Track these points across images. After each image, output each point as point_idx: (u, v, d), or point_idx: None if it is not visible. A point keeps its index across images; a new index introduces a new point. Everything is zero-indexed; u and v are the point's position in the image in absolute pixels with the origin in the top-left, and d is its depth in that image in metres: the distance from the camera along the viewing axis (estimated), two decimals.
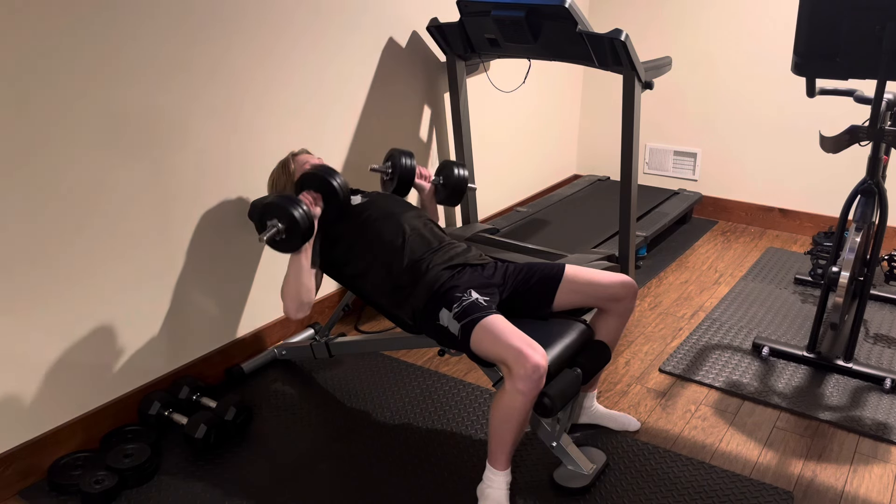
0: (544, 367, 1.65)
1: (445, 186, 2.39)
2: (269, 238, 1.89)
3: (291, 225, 1.90)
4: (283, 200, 1.90)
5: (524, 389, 1.64)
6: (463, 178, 2.38)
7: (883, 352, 2.61)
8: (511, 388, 1.66)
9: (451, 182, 2.38)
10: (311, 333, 2.68)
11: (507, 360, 1.66)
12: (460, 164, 2.39)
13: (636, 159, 2.72)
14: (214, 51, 2.17)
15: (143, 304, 2.15)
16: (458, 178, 2.38)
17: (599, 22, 4.11)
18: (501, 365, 1.70)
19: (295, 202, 1.90)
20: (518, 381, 1.64)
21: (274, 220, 1.90)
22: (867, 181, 2.34)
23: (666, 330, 2.80)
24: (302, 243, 1.94)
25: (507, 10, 2.59)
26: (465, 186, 2.39)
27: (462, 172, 2.38)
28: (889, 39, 1.93)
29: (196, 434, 2.02)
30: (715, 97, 3.88)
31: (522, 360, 1.64)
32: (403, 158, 2.31)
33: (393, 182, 2.34)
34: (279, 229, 1.89)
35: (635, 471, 2.00)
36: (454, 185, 2.38)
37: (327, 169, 2.03)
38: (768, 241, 3.75)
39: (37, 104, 1.78)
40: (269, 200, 1.90)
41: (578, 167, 4.51)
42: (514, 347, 1.66)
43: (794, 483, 1.96)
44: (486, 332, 1.73)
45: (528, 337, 1.69)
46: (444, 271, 1.93)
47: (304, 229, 1.91)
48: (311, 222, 1.93)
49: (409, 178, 2.33)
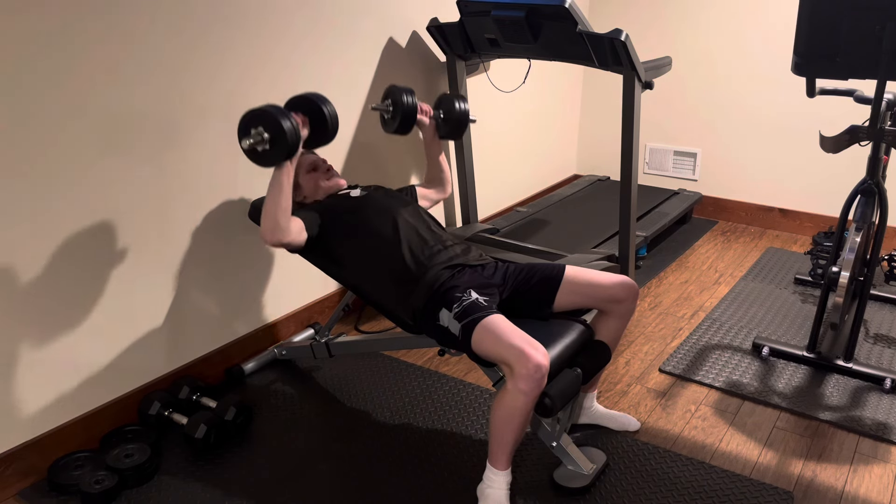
0: (546, 367, 1.65)
1: (447, 121, 2.32)
2: (250, 146, 1.79)
3: (277, 135, 1.79)
4: (273, 109, 1.80)
5: (526, 389, 1.64)
6: (464, 110, 2.31)
7: (883, 352, 2.61)
8: (513, 388, 1.66)
9: (452, 116, 2.30)
10: (311, 333, 2.68)
11: (509, 359, 1.66)
12: (460, 97, 2.32)
13: (636, 159, 2.72)
14: (216, 52, 2.17)
15: (144, 304, 2.15)
16: (460, 111, 2.30)
17: (599, 22, 4.11)
18: (503, 365, 1.70)
19: (284, 113, 1.81)
20: (520, 381, 1.64)
21: (259, 128, 1.80)
22: (867, 181, 2.34)
23: (666, 330, 2.80)
24: (284, 158, 1.84)
25: (507, 10, 2.59)
26: (467, 119, 2.32)
27: (463, 106, 2.30)
28: (889, 39, 1.93)
29: (196, 434, 2.02)
30: (715, 97, 3.88)
31: (524, 360, 1.64)
32: (404, 96, 2.20)
33: (395, 120, 2.25)
34: (263, 138, 1.80)
35: (635, 471, 2.00)
36: (456, 119, 2.30)
37: (319, 95, 1.97)
38: (768, 241, 3.75)
39: (39, 107, 1.78)
40: (258, 108, 1.81)
41: (578, 167, 4.51)
42: (515, 347, 1.66)
43: (794, 483, 1.96)
44: (487, 332, 1.72)
45: (529, 336, 1.69)
46: (444, 271, 1.93)
47: (290, 143, 1.80)
48: (298, 138, 1.84)
49: (411, 116, 2.23)
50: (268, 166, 1.87)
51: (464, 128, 2.35)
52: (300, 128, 1.88)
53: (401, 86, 2.26)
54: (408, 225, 2.03)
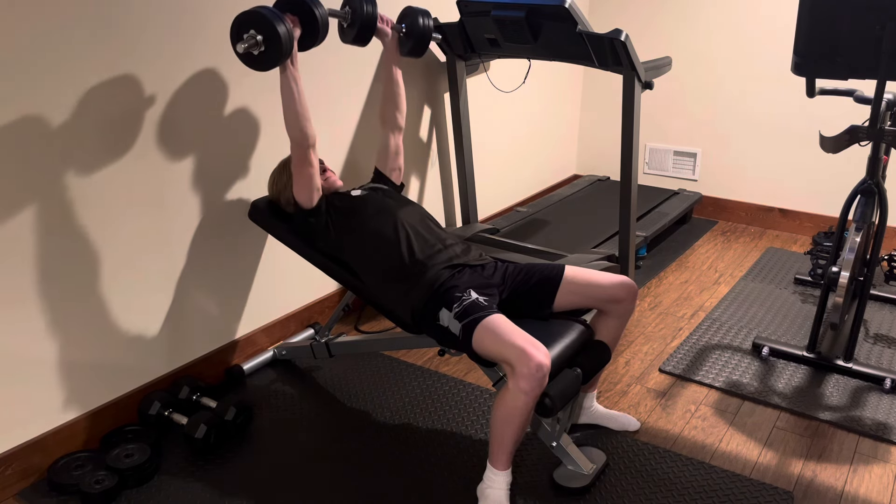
0: (547, 366, 1.65)
1: (409, 35, 2.24)
2: (245, 50, 1.76)
3: (271, 37, 1.76)
4: (264, 10, 1.76)
5: (527, 388, 1.64)
6: (427, 27, 2.22)
7: (883, 352, 2.61)
8: (514, 388, 1.66)
9: (415, 31, 2.22)
10: (311, 333, 2.68)
11: (510, 359, 1.66)
12: (425, 12, 2.24)
13: (636, 159, 2.72)
14: (215, 52, 2.17)
15: (143, 304, 2.15)
16: (423, 26, 2.22)
17: (599, 22, 4.11)
18: (504, 364, 1.70)
19: (276, 14, 1.78)
20: (521, 380, 1.64)
21: (252, 31, 1.76)
22: (867, 181, 2.34)
23: (666, 330, 2.80)
24: (280, 60, 1.82)
25: (507, 10, 2.59)
26: (429, 36, 2.24)
27: (426, 21, 2.22)
28: (889, 39, 1.93)
29: (196, 434, 2.02)
30: (715, 97, 3.88)
31: (526, 360, 1.64)
32: (364, 3, 2.12)
33: (353, 29, 2.15)
34: (257, 41, 1.77)
35: (635, 471, 2.00)
36: (419, 34, 2.22)
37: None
38: (768, 241, 3.75)
39: (35, 106, 1.78)
40: (251, 10, 1.77)
41: (578, 167, 4.51)
42: (517, 346, 1.66)
43: (794, 483, 1.96)
44: (488, 332, 1.72)
45: (530, 336, 1.69)
46: (444, 271, 1.93)
47: (285, 43, 1.78)
48: (291, 38, 1.81)
49: (370, 25, 2.14)
50: (265, 69, 1.84)
51: (426, 44, 2.25)
52: (293, 28, 1.85)
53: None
54: (408, 225, 2.03)
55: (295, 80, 1.91)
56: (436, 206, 3.29)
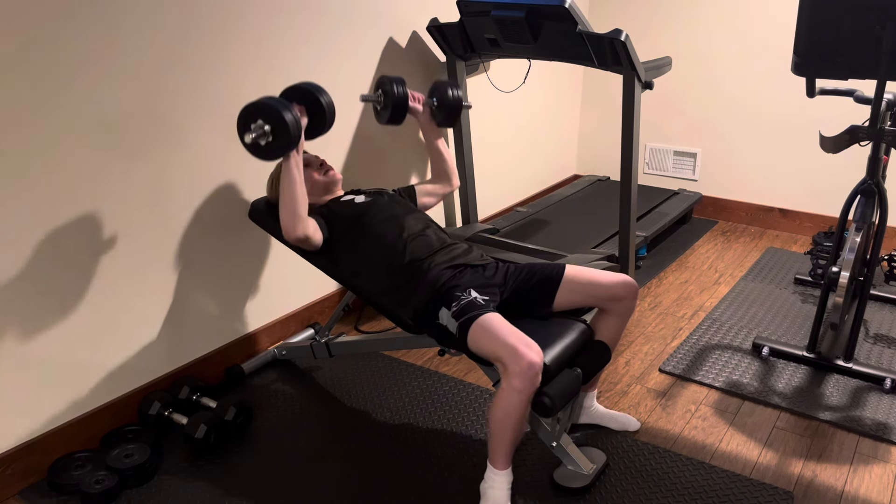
0: (539, 365, 1.65)
1: (441, 108, 2.31)
2: (253, 140, 1.77)
3: (279, 126, 1.78)
4: (272, 100, 1.78)
5: (520, 387, 1.64)
6: (457, 96, 2.29)
7: (883, 352, 2.61)
8: (507, 387, 1.67)
9: (445, 102, 2.29)
10: (311, 333, 2.68)
11: (503, 357, 1.67)
12: (452, 84, 2.31)
13: (636, 159, 2.72)
14: (214, 51, 2.17)
15: (143, 304, 2.15)
16: (453, 97, 2.29)
17: (599, 22, 4.11)
18: (498, 363, 1.71)
19: (284, 104, 1.80)
20: (514, 379, 1.65)
21: (259, 121, 1.78)
22: (867, 181, 2.34)
23: (666, 330, 2.80)
24: (287, 149, 1.83)
25: (507, 10, 2.59)
26: (460, 105, 2.30)
27: (456, 92, 2.29)
28: (889, 39, 1.93)
29: (196, 434, 2.02)
30: (715, 97, 3.88)
31: (517, 358, 1.64)
32: (394, 86, 2.20)
33: (387, 110, 2.24)
34: (265, 131, 1.78)
35: (635, 471, 2.00)
36: (449, 104, 2.29)
37: (315, 85, 1.96)
38: (768, 241, 3.75)
39: (32, 106, 1.78)
40: (256, 100, 1.79)
41: (578, 167, 4.51)
42: (509, 345, 1.66)
43: (794, 483, 1.96)
44: (482, 330, 1.73)
45: (524, 335, 1.69)
46: (446, 271, 1.94)
47: (292, 133, 1.79)
48: (300, 127, 1.83)
49: (402, 105, 2.22)
50: (272, 159, 1.86)
51: (458, 114, 2.32)
52: (300, 117, 1.87)
53: (391, 75, 2.24)
54: (412, 230, 2.04)
55: (298, 166, 1.91)
56: (436, 206, 3.29)
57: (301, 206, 1.91)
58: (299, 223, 1.91)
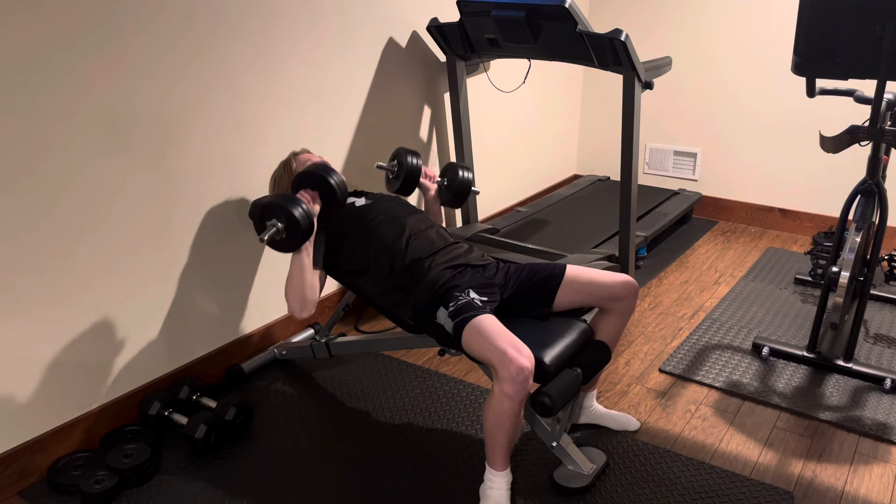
0: (529, 370, 1.64)
1: (450, 188, 2.39)
2: (269, 238, 1.88)
3: (291, 224, 1.89)
4: (283, 200, 1.89)
5: (510, 392, 1.64)
6: (467, 180, 2.38)
7: (883, 352, 2.61)
8: (498, 391, 1.66)
9: (455, 184, 2.38)
10: (311, 333, 2.68)
11: (493, 361, 1.66)
12: (465, 167, 2.39)
13: (636, 159, 2.72)
14: (216, 52, 2.17)
15: (144, 304, 2.15)
16: (463, 179, 2.38)
17: (599, 22, 4.11)
18: (489, 366, 1.71)
19: (294, 201, 1.89)
20: (503, 384, 1.64)
21: (273, 219, 1.89)
22: (867, 181, 2.34)
23: (666, 330, 2.80)
24: (302, 242, 1.93)
25: (507, 10, 2.59)
26: (469, 189, 2.39)
27: (467, 175, 2.38)
28: (889, 39, 1.93)
29: (196, 434, 2.02)
30: (715, 97, 3.88)
31: (507, 363, 1.63)
32: (410, 157, 2.31)
33: (398, 180, 2.33)
34: (279, 229, 1.89)
35: (635, 471, 2.00)
36: (458, 186, 2.38)
37: (324, 166, 2.02)
38: (768, 241, 3.75)
39: (38, 108, 1.78)
40: (268, 200, 1.89)
41: (578, 167, 4.51)
42: (498, 349, 1.65)
43: (794, 483, 1.96)
44: (475, 332, 1.73)
45: (515, 338, 1.68)
46: (446, 271, 1.94)
47: (305, 228, 1.90)
48: (311, 220, 1.92)
49: (414, 178, 2.32)
50: (289, 251, 1.94)
51: (465, 197, 2.43)
52: (311, 208, 1.95)
53: (409, 148, 2.36)
54: (415, 230, 2.04)
55: (308, 254, 1.97)
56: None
57: (309, 291, 1.97)
58: (306, 307, 1.98)
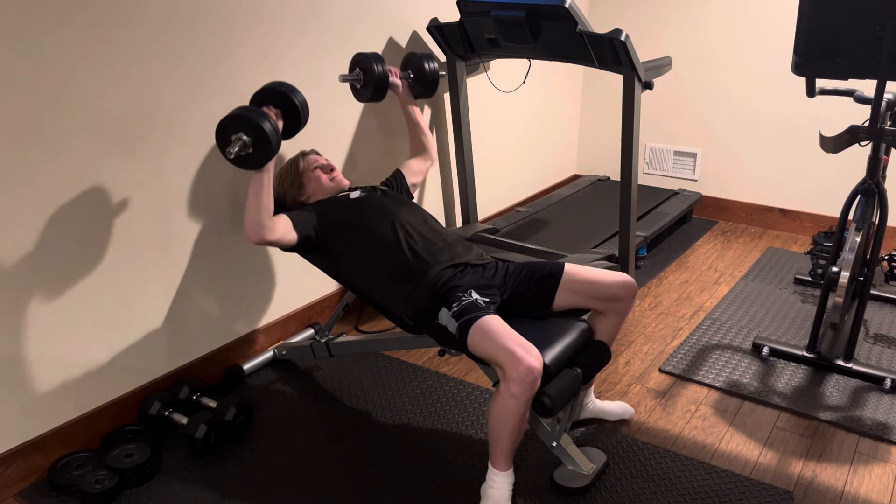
0: (538, 370, 1.64)
1: (417, 81, 2.28)
2: (235, 154, 1.75)
3: (259, 137, 1.77)
4: (249, 111, 1.76)
5: (518, 392, 1.64)
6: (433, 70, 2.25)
7: (883, 352, 2.61)
8: (505, 391, 1.66)
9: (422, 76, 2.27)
10: (311, 333, 2.68)
11: (501, 361, 1.66)
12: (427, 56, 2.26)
13: (636, 159, 2.72)
14: (214, 51, 2.17)
15: (144, 304, 2.15)
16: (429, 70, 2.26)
17: (599, 22, 4.11)
18: (496, 367, 1.70)
19: (261, 114, 1.77)
20: (512, 384, 1.64)
21: (239, 133, 1.76)
22: (867, 181, 2.34)
23: (666, 330, 2.80)
24: (269, 159, 1.82)
25: (507, 10, 2.59)
26: (437, 76, 2.27)
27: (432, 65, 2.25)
28: (889, 39, 1.93)
29: (196, 434, 2.02)
30: (715, 97, 3.88)
31: (516, 363, 1.63)
32: (374, 64, 2.14)
33: (368, 89, 2.19)
34: (245, 142, 1.76)
35: (635, 471, 2.00)
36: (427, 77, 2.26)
37: (286, 84, 1.93)
38: (768, 241, 3.75)
39: (37, 107, 1.78)
40: (234, 112, 1.77)
41: (578, 167, 4.51)
42: (507, 349, 1.65)
43: (794, 483, 1.96)
44: (481, 333, 1.72)
45: (522, 339, 1.69)
46: (446, 270, 1.94)
47: (273, 141, 1.78)
48: (278, 134, 1.81)
49: (383, 83, 2.18)
50: (255, 169, 1.84)
51: (435, 85, 2.30)
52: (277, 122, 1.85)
53: (367, 52, 2.17)
54: (408, 224, 2.03)
55: (269, 174, 1.87)
56: (436, 206, 3.29)
57: (265, 214, 1.88)
58: (262, 230, 1.89)
